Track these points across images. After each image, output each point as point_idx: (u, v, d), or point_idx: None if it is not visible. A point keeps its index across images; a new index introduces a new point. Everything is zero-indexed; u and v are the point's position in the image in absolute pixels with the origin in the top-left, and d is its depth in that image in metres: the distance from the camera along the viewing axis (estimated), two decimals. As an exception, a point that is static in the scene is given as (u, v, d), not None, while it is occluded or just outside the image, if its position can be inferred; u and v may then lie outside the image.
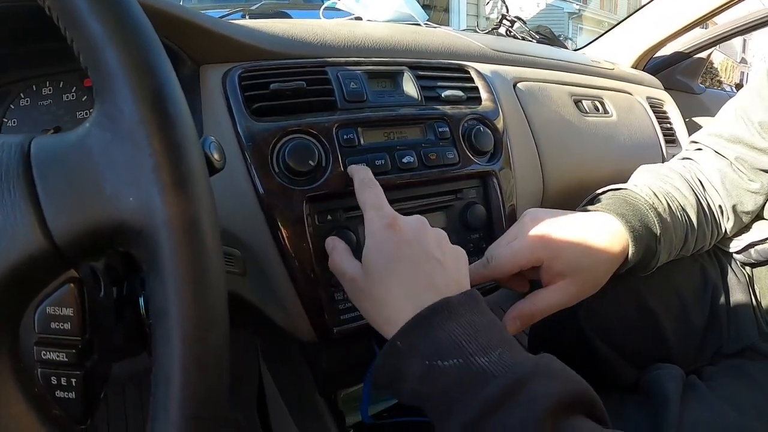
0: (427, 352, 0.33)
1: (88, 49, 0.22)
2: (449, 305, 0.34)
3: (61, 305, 0.24)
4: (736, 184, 0.57)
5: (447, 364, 0.31)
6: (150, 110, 0.21)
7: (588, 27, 13.64)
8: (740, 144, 0.57)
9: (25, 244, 0.22)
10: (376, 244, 0.39)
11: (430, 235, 0.40)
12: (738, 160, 0.57)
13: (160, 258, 0.21)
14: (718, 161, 0.58)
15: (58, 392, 0.24)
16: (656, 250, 0.51)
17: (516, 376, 0.30)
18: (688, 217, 0.55)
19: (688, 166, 0.60)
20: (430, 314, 0.34)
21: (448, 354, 0.32)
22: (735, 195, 0.57)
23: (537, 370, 0.31)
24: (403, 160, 0.51)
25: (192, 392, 0.21)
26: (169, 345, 0.21)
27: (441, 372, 0.32)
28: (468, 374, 0.31)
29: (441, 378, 0.31)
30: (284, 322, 0.50)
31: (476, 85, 0.62)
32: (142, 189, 0.21)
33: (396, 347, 0.34)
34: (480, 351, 0.32)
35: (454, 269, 0.39)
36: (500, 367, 0.31)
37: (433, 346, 0.33)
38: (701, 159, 0.60)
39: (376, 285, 0.38)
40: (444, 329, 0.33)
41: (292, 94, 0.49)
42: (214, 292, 0.22)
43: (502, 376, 0.30)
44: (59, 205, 0.22)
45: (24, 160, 0.23)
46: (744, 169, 0.57)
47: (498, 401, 0.29)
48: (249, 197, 0.46)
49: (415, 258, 0.38)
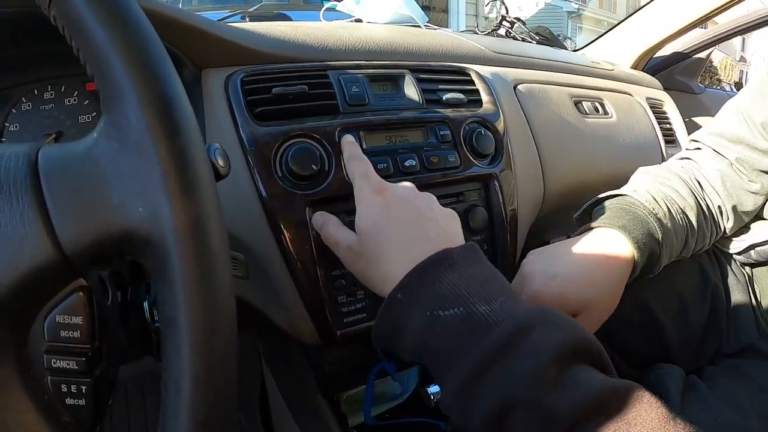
0: (428, 302, 0.32)
1: (94, 59, 0.22)
2: (449, 257, 0.34)
3: (70, 313, 0.24)
4: (737, 184, 0.57)
5: (448, 313, 0.31)
6: (156, 118, 0.21)
7: (587, 26, 13.63)
8: (741, 145, 0.57)
9: (33, 253, 0.22)
10: (366, 209, 0.40)
11: (420, 198, 0.41)
12: (739, 161, 0.57)
13: (169, 266, 0.21)
14: (718, 161, 0.58)
15: (69, 399, 0.24)
16: (659, 254, 0.51)
17: (519, 323, 0.29)
18: (688, 220, 0.55)
19: (687, 166, 0.60)
20: (429, 265, 0.34)
21: (449, 303, 0.31)
22: (735, 195, 0.57)
23: (540, 318, 0.30)
24: (405, 163, 0.51)
25: (202, 398, 0.21)
26: (179, 352, 0.21)
27: (442, 322, 0.31)
28: (470, 323, 0.30)
29: (442, 328, 0.31)
30: (287, 324, 0.50)
31: (477, 87, 0.62)
32: (150, 198, 0.21)
33: (396, 300, 0.34)
34: (481, 300, 0.31)
35: (447, 226, 0.39)
36: (502, 315, 0.30)
37: (433, 296, 0.32)
38: (701, 159, 0.60)
39: (371, 246, 0.38)
40: (444, 279, 0.32)
41: (294, 98, 0.49)
42: (222, 299, 0.22)
43: (504, 323, 0.30)
44: (68, 214, 0.22)
45: (32, 170, 0.23)
46: (744, 170, 0.57)
47: (502, 349, 0.28)
48: (252, 201, 0.46)
49: (406, 217, 0.38)
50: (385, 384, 0.66)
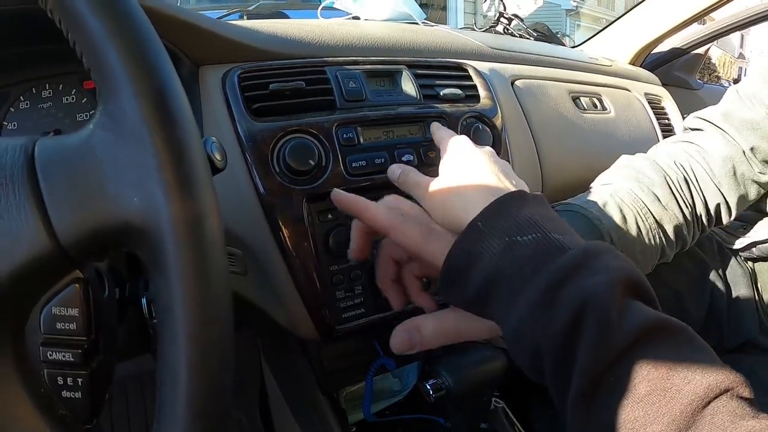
0: (507, 229, 0.34)
1: (90, 51, 0.22)
2: (524, 196, 0.37)
3: (66, 305, 0.24)
4: (746, 174, 0.55)
5: (526, 238, 0.33)
6: (152, 109, 0.21)
7: (585, 23, 13.64)
8: (754, 132, 0.54)
9: (30, 245, 0.22)
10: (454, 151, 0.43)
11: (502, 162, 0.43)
12: (753, 151, 0.54)
13: (165, 256, 0.21)
14: (729, 148, 0.55)
15: (65, 392, 0.24)
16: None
17: (588, 248, 0.32)
18: (662, 233, 0.53)
19: (682, 157, 0.57)
20: (508, 199, 0.36)
21: (527, 230, 0.34)
22: (743, 185, 0.55)
23: (607, 249, 0.33)
24: (403, 158, 0.51)
25: (198, 388, 0.21)
26: (174, 342, 0.21)
27: (520, 245, 0.33)
28: (546, 246, 0.33)
29: (520, 251, 0.33)
30: (285, 320, 0.50)
31: (474, 83, 0.62)
32: (145, 188, 0.21)
33: (476, 227, 0.35)
34: (555, 230, 0.34)
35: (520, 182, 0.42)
36: (574, 243, 0.33)
37: (512, 224, 0.34)
38: (707, 143, 0.57)
39: (454, 179, 0.40)
40: (522, 212, 0.35)
41: (291, 94, 0.49)
42: (218, 288, 0.22)
43: (576, 249, 0.32)
44: (64, 205, 0.22)
45: (28, 161, 0.23)
46: (757, 159, 0.54)
47: (576, 265, 0.31)
48: (250, 197, 0.46)
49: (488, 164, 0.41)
50: (385, 380, 0.66)
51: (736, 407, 0.26)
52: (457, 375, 0.58)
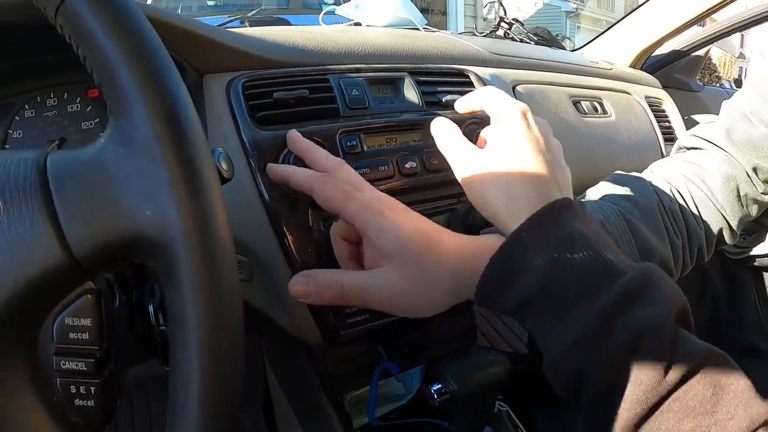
0: (557, 244, 0.32)
1: (101, 68, 0.23)
2: (573, 206, 0.34)
3: (79, 316, 0.25)
4: (750, 195, 0.54)
5: (577, 256, 0.31)
6: (164, 126, 0.22)
7: (586, 26, 13.65)
8: (756, 151, 0.53)
9: (43, 257, 0.23)
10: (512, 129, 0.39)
11: (555, 143, 0.40)
12: (756, 171, 0.53)
13: (177, 268, 0.22)
14: (731, 168, 0.54)
15: (77, 400, 0.25)
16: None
17: (645, 276, 0.31)
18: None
19: (679, 180, 0.55)
20: (559, 208, 0.34)
21: (578, 247, 0.32)
22: (746, 206, 0.54)
23: (659, 275, 0.32)
24: (406, 165, 0.52)
25: (210, 393, 0.21)
26: (187, 350, 0.21)
27: (572, 264, 0.31)
28: (600, 266, 0.31)
29: (571, 269, 0.31)
30: (290, 326, 0.50)
31: (476, 89, 0.63)
32: (158, 202, 0.22)
33: (520, 239, 0.33)
34: (606, 249, 0.32)
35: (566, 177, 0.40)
36: (627, 265, 0.31)
37: (562, 240, 0.32)
38: (706, 163, 0.55)
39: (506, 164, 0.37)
40: (572, 225, 0.33)
41: (295, 102, 0.50)
42: (229, 297, 0.23)
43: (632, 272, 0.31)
44: (77, 218, 0.23)
45: (41, 175, 0.24)
46: (760, 179, 0.54)
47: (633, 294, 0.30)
48: (255, 205, 0.46)
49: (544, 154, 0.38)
50: (389, 385, 0.67)
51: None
52: (461, 379, 0.58)
